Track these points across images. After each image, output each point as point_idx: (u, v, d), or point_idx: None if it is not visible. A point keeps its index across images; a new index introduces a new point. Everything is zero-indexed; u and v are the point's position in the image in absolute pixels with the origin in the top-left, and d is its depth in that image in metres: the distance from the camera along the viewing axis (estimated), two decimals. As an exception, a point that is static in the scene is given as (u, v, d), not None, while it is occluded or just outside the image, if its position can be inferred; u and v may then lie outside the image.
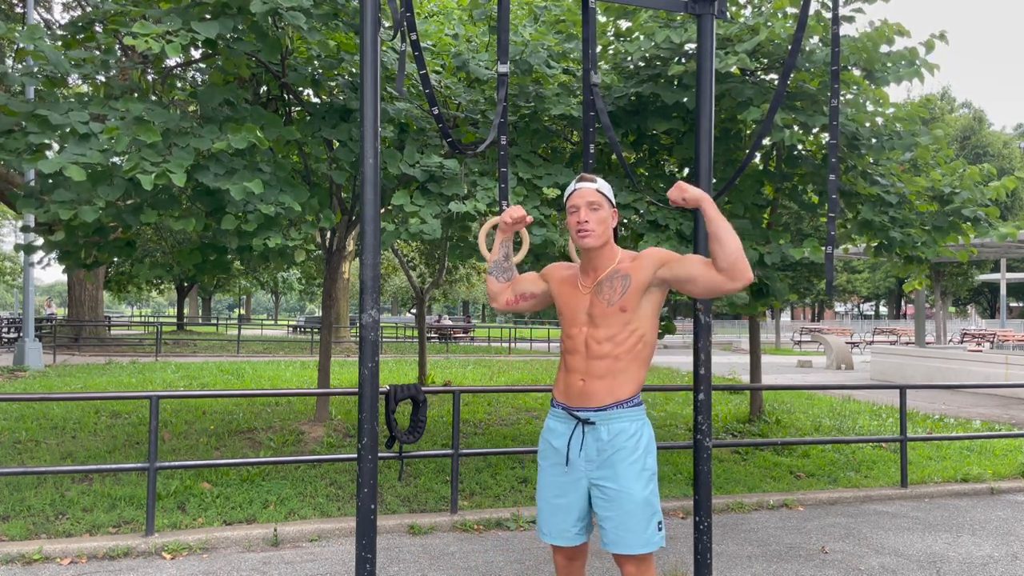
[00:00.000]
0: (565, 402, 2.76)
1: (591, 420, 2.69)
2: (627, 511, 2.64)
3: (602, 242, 2.72)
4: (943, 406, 12.39)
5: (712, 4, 3.38)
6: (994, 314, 49.54)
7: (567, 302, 2.79)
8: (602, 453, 2.68)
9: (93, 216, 4.98)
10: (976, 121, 41.35)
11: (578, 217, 2.72)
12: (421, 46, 4.10)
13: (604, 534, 2.69)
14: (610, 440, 2.68)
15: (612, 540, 2.66)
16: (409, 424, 3.62)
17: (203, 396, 5.51)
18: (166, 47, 5.01)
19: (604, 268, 2.75)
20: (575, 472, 2.72)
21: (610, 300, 2.68)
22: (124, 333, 31.72)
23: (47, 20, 17.53)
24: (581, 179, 2.78)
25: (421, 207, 5.77)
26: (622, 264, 2.74)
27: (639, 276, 2.68)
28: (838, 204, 6.72)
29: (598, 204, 2.72)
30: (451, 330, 31.60)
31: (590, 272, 2.78)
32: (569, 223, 2.77)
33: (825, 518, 5.85)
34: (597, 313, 2.70)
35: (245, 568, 4.51)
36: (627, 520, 2.64)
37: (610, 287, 2.70)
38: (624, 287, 2.68)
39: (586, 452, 2.70)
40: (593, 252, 2.74)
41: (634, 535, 2.63)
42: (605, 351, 2.69)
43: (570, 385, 2.74)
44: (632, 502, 2.64)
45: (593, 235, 2.70)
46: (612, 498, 2.65)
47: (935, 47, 6.54)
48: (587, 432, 2.70)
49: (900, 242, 7.00)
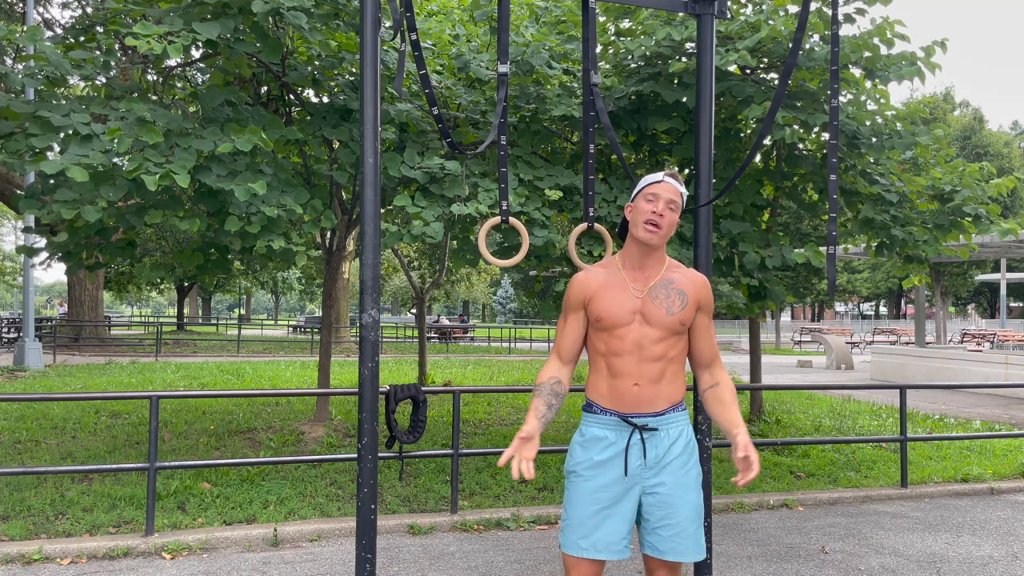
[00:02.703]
0: (616, 408, 2.60)
1: (651, 426, 2.57)
2: (686, 517, 2.56)
3: (663, 243, 2.61)
4: (943, 406, 12.39)
5: (712, 4, 3.38)
6: (994, 314, 49.54)
7: (614, 304, 2.60)
8: (661, 460, 2.58)
9: (96, 216, 4.98)
10: (976, 121, 41.34)
11: (656, 207, 2.56)
12: (421, 46, 4.10)
13: (659, 542, 2.56)
14: (670, 446, 2.59)
15: (669, 548, 2.55)
16: (409, 424, 3.63)
17: (203, 396, 5.51)
18: (167, 48, 5.01)
19: (653, 270, 2.63)
20: (629, 480, 2.57)
21: (669, 309, 2.58)
22: (124, 333, 31.73)
23: (47, 19, 17.53)
24: (672, 175, 2.64)
25: (423, 208, 5.77)
26: (672, 274, 2.65)
27: (692, 299, 2.63)
28: (839, 204, 6.73)
29: (677, 206, 2.61)
30: (451, 330, 31.60)
31: (637, 271, 2.64)
32: (640, 209, 2.59)
33: (825, 518, 5.85)
34: (652, 316, 2.58)
35: (245, 568, 4.51)
36: (687, 527, 2.56)
37: (666, 295, 2.60)
38: (683, 303, 2.60)
39: (649, 459, 2.57)
40: (648, 250, 2.60)
41: (692, 541, 2.57)
42: (659, 352, 2.58)
43: (622, 390, 2.58)
44: (691, 508, 2.58)
45: (660, 234, 2.57)
46: (671, 504, 2.56)
47: (935, 53, 6.53)
48: (647, 439, 2.57)
49: (902, 240, 6.99)
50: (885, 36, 6.45)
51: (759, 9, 6.92)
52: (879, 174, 7.28)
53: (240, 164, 5.42)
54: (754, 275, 6.77)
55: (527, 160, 6.47)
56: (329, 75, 6.75)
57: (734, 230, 6.67)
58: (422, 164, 5.98)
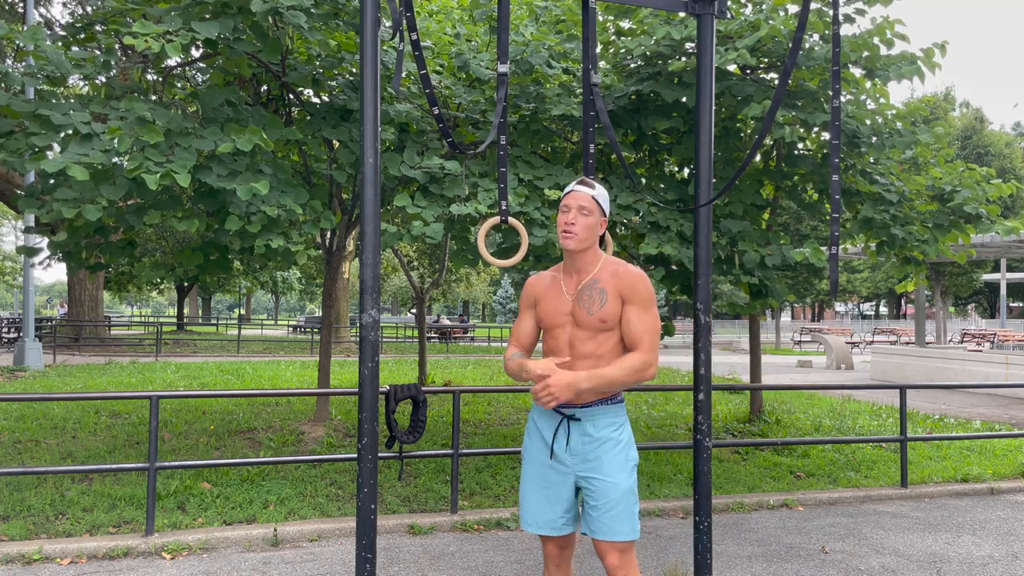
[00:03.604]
0: None
1: (576, 416, 2.81)
2: (614, 500, 2.77)
3: (584, 247, 2.83)
4: (943, 406, 12.39)
5: (712, 4, 3.38)
6: (994, 314, 49.53)
7: (551, 306, 2.88)
8: (587, 447, 2.81)
9: (96, 215, 4.98)
10: (977, 121, 41.31)
11: (566, 218, 2.83)
12: (421, 46, 4.10)
13: (591, 522, 2.81)
14: (596, 435, 2.81)
15: (599, 528, 2.78)
16: (409, 424, 3.62)
17: (203, 396, 5.51)
18: (166, 47, 5.01)
19: (584, 273, 2.87)
20: (562, 465, 2.84)
21: (590, 309, 2.80)
22: (124, 333, 31.73)
23: (47, 19, 17.53)
24: (581, 182, 2.89)
25: (423, 208, 5.77)
26: (602, 274, 2.85)
27: (614, 295, 2.81)
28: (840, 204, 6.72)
29: (589, 210, 2.84)
30: (451, 330, 31.60)
31: (572, 275, 2.89)
32: (558, 221, 2.88)
33: (825, 518, 5.85)
34: (579, 317, 2.82)
35: (245, 568, 4.51)
36: (614, 508, 2.77)
37: (589, 296, 2.81)
38: (602, 301, 2.80)
39: (572, 447, 2.82)
40: (574, 255, 2.86)
41: (621, 523, 2.78)
42: (588, 350, 2.81)
43: None
44: (618, 491, 2.78)
45: (575, 239, 2.81)
46: (600, 489, 2.78)
47: (934, 55, 6.53)
48: (572, 427, 2.82)
49: (901, 240, 6.99)
50: (885, 36, 6.45)
51: (759, 9, 6.92)
52: (879, 173, 7.28)
53: (240, 164, 5.42)
54: (754, 274, 6.77)
55: (527, 160, 6.47)
56: (329, 75, 6.75)
57: (734, 229, 6.67)
58: (422, 164, 5.98)
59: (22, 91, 6.17)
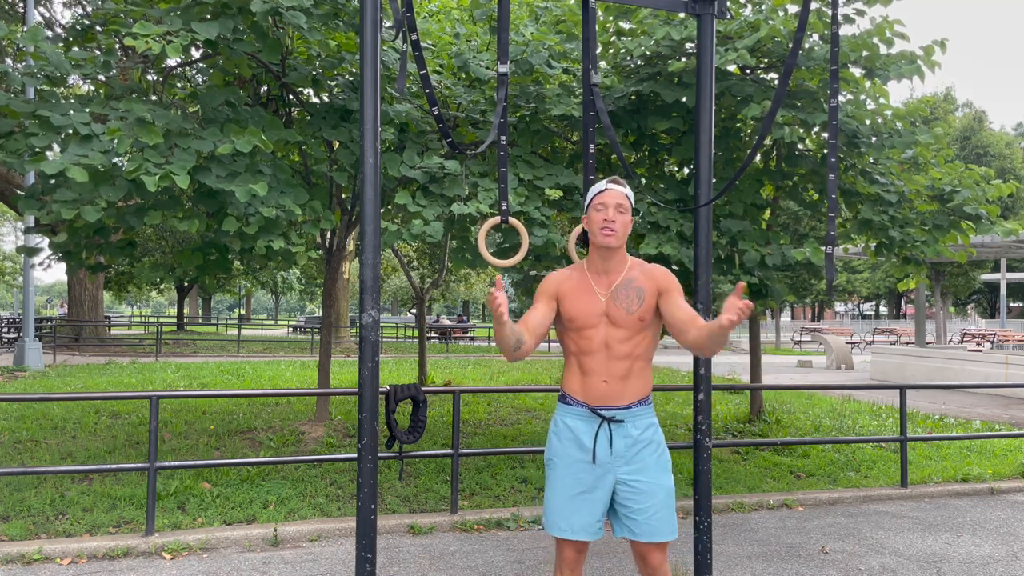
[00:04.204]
0: (586, 401, 2.80)
1: (618, 418, 2.78)
2: (660, 501, 2.77)
3: (621, 244, 2.80)
4: (943, 406, 12.39)
5: (712, 4, 3.38)
6: (994, 314, 49.52)
7: (583, 306, 2.81)
8: (631, 449, 2.78)
9: (96, 216, 4.99)
10: (976, 121, 41.29)
11: (605, 215, 2.78)
12: (421, 46, 4.10)
13: (636, 526, 2.77)
14: (639, 436, 2.79)
15: (647, 531, 2.76)
16: (409, 424, 3.63)
17: (203, 396, 5.51)
18: (166, 47, 5.01)
19: (616, 272, 2.83)
20: (601, 468, 2.78)
21: (628, 308, 2.77)
22: (124, 333, 31.73)
23: (47, 19, 17.52)
24: (613, 180, 2.85)
25: (424, 207, 5.77)
26: (633, 272, 2.83)
27: (650, 291, 2.79)
28: (838, 204, 6.72)
29: (625, 208, 2.81)
30: (451, 330, 31.61)
31: (601, 275, 2.84)
32: (593, 220, 2.82)
33: (825, 518, 5.85)
34: (616, 317, 2.78)
35: (245, 568, 4.51)
36: (661, 510, 2.77)
37: (626, 295, 2.78)
38: (640, 299, 2.78)
39: (615, 449, 2.77)
40: (609, 253, 2.80)
41: (667, 523, 2.78)
42: (626, 351, 2.78)
43: (591, 386, 2.79)
44: (664, 491, 2.78)
45: (616, 236, 2.77)
46: (645, 491, 2.76)
47: (934, 52, 6.53)
48: (614, 430, 2.78)
49: (900, 241, 6.99)
50: (884, 35, 6.45)
51: (758, 9, 6.92)
52: (879, 174, 7.28)
53: (240, 165, 5.42)
54: (754, 273, 6.77)
55: (527, 160, 6.47)
56: (329, 75, 6.75)
57: (734, 229, 6.67)
58: (422, 164, 5.98)
59: (22, 91, 6.17)
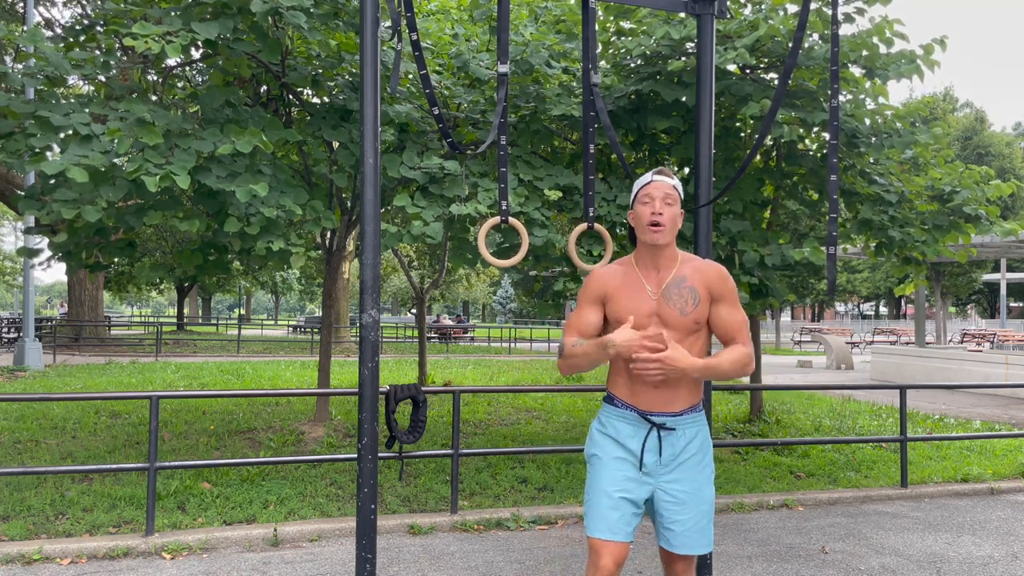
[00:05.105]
0: (636, 405, 2.65)
1: (669, 426, 2.63)
2: (701, 512, 2.66)
3: (670, 239, 2.63)
4: (943, 406, 12.39)
5: (712, 4, 3.38)
6: (994, 314, 49.52)
7: (631, 306, 2.64)
8: (677, 458, 2.65)
9: (96, 216, 4.99)
10: (978, 121, 41.28)
11: (653, 208, 2.60)
12: (421, 46, 4.10)
13: (674, 537, 2.66)
14: (686, 445, 2.65)
15: (683, 542, 2.66)
16: (409, 424, 3.63)
17: (203, 396, 5.51)
18: (166, 47, 5.01)
19: (667, 268, 2.66)
20: (647, 476, 2.65)
21: (683, 310, 2.61)
22: (124, 333, 31.72)
23: (48, 19, 17.52)
24: (660, 172, 2.68)
25: (423, 208, 5.77)
26: (685, 269, 2.66)
27: (704, 294, 2.64)
28: (838, 204, 6.72)
29: (673, 200, 2.63)
30: (451, 330, 31.61)
31: (651, 271, 2.67)
32: (639, 214, 2.64)
33: (825, 518, 5.85)
34: (668, 318, 2.61)
35: (245, 568, 4.51)
36: (700, 521, 2.66)
37: (679, 295, 2.62)
38: (695, 301, 2.62)
39: (664, 458, 2.64)
40: (658, 249, 2.63)
41: (704, 536, 2.68)
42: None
43: (642, 390, 2.63)
44: (706, 503, 2.67)
45: (665, 231, 2.59)
46: (686, 501, 2.64)
47: (934, 51, 6.53)
48: (663, 437, 2.63)
49: (900, 241, 6.99)
50: (884, 35, 6.45)
51: (758, 8, 6.92)
52: (878, 174, 7.28)
53: (240, 165, 5.42)
54: (754, 273, 6.77)
55: (527, 160, 6.47)
56: (329, 75, 6.75)
57: (733, 228, 6.67)
58: (421, 164, 5.98)
59: (22, 92, 6.17)
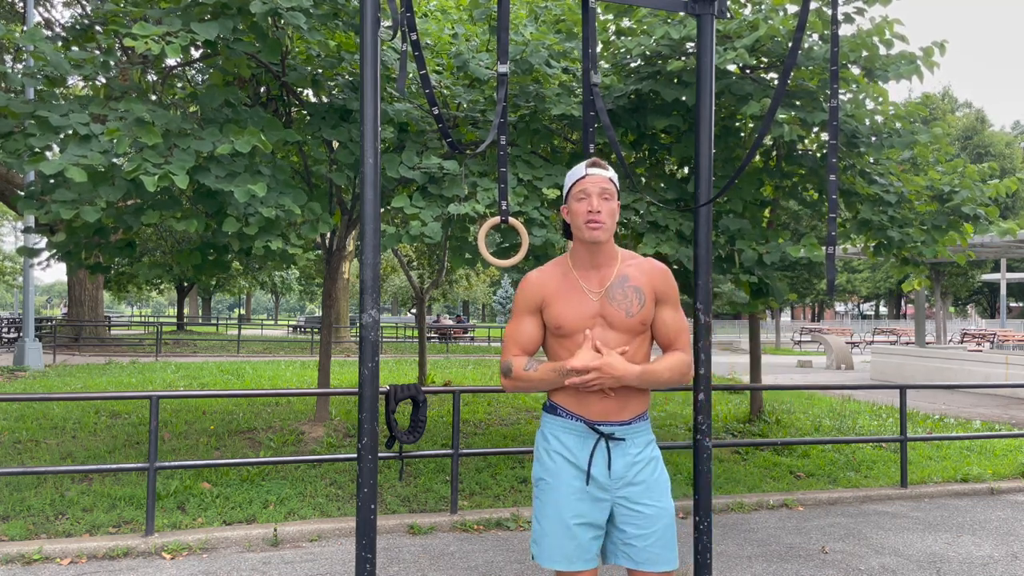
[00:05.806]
0: (583, 415, 2.45)
1: (618, 436, 2.44)
2: (665, 525, 2.48)
3: (608, 236, 2.44)
4: (943, 406, 12.39)
5: (712, 4, 3.38)
6: (994, 314, 49.53)
7: (572, 309, 2.44)
8: (631, 470, 2.46)
9: (95, 216, 4.99)
10: (978, 121, 41.29)
11: (589, 205, 2.40)
12: (421, 46, 4.10)
13: (636, 553, 2.45)
14: (638, 455, 2.48)
15: (648, 558, 2.45)
16: (409, 424, 3.62)
17: (203, 396, 5.51)
18: (166, 48, 5.01)
19: (607, 266, 2.48)
20: (600, 491, 2.45)
21: (628, 311, 2.43)
22: (124, 333, 31.73)
23: (47, 19, 17.52)
24: (594, 164, 2.48)
25: (421, 208, 5.77)
26: (627, 268, 2.49)
27: (650, 294, 2.48)
28: (838, 204, 6.71)
29: (610, 195, 2.45)
30: (451, 330, 31.62)
31: (590, 271, 2.48)
32: (575, 211, 2.45)
33: (825, 518, 5.85)
34: (613, 319, 2.43)
35: (245, 568, 4.51)
36: (665, 535, 2.48)
37: (623, 295, 2.44)
38: (641, 301, 2.45)
39: (614, 470, 2.44)
40: (597, 247, 2.44)
41: (670, 550, 2.49)
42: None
43: (591, 399, 2.44)
44: (668, 516, 2.51)
45: (604, 228, 2.40)
46: (648, 515, 2.46)
47: (934, 54, 6.53)
48: (613, 448, 2.45)
49: (899, 241, 6.99)
50: (884, 36, 6.45)
51: (758, 8, 6.92)
52: (878, 174, 7.28)
53: (239, 165, 5.42)
54: (754, 272, 6.78)
55: (526, 159, 6.47)
56: (328, 75, 6.75)
57: (732, 227, 6.67)
58: (421, 164, 5.97)
59: (22, 91, 6.17)
